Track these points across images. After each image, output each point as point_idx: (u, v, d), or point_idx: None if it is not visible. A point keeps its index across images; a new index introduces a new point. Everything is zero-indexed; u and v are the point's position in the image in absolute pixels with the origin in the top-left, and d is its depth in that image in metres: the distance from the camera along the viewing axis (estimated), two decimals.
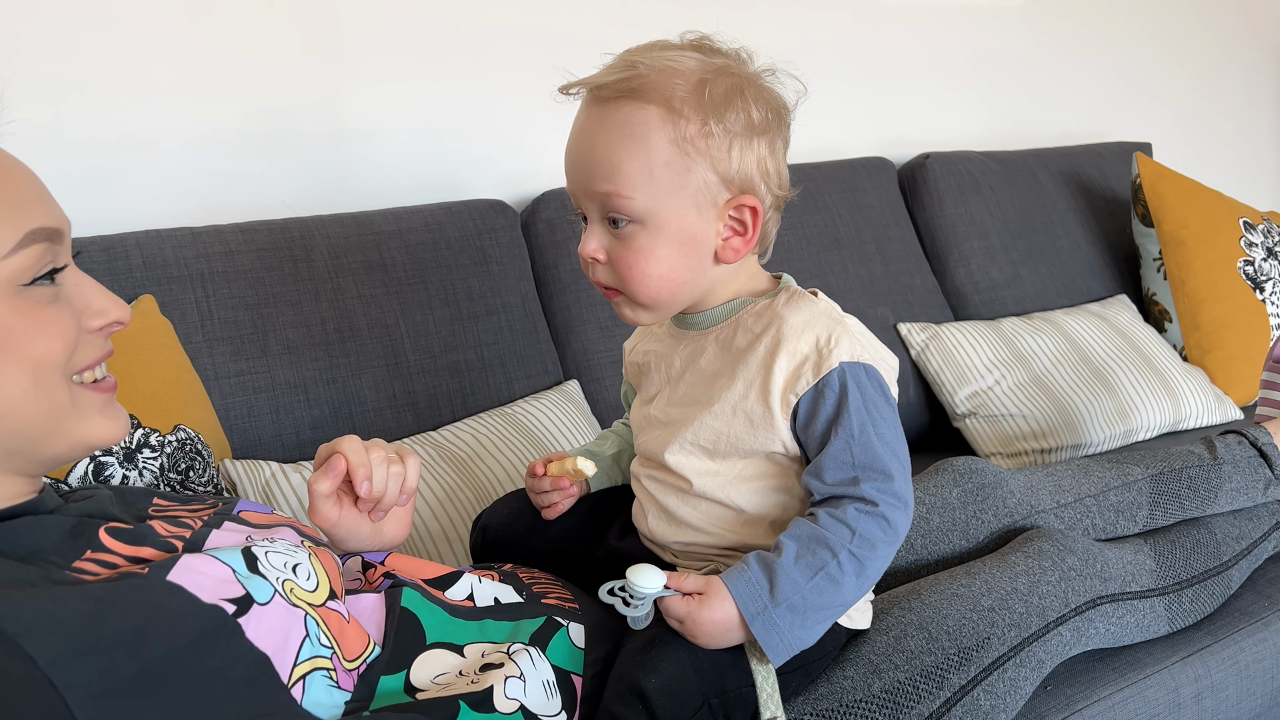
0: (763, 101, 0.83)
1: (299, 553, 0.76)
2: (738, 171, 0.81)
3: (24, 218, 0.64)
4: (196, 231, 1.32)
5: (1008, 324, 1.84)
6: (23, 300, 0.64)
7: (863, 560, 0.79)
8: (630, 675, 0.76)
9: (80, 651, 0.56)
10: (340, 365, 1.35)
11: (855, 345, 0.82)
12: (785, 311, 0.84)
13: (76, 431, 0.67)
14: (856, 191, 1.88)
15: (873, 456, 0.80)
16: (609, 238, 0.84)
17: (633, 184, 0.80)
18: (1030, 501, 1.14)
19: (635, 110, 0.80)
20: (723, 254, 0.84)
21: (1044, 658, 0.93)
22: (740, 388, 0.84)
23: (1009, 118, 2.31)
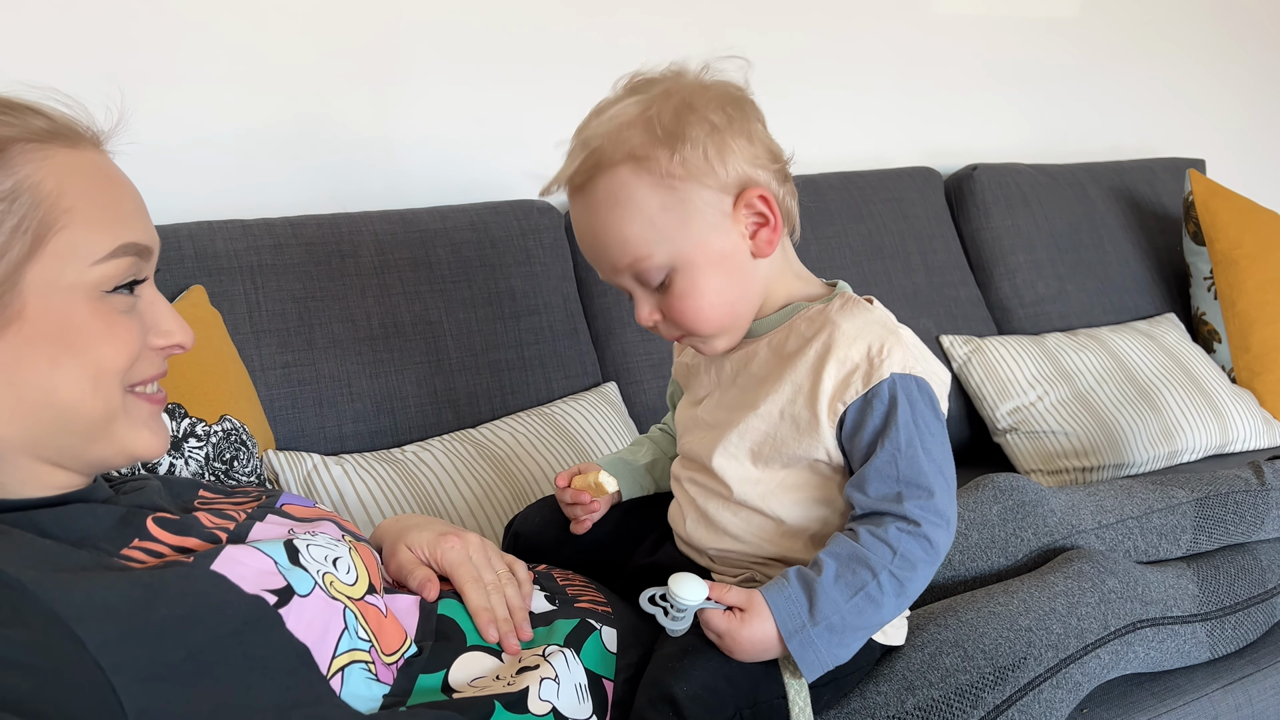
0: (714, 100, 0.82)
1: (339, 546, 0.77)
2: (728, 175, 0.81)
3: (122, 229, 0.66)
4: (247, 224, 1.34)
5: (1052, 339, 1.82)
6: (101, 305, 0.66)
7: (903, 581, 0.78)
8: (663, 682, 0.76)
9: (128, 637, 0.58)
10: (383, 360, 1.36)
11: (908, 356, 0.81)
12: (838, 317, 0.83)
13: (122, 438, 0.69)
14: (902, 201, 1.87)
15: (918, 472, 0.79)
16: (654, 297, 0.85)
17: (645, 244, 0.81)
18: (1071, 521, 1.12)
19: (608, 180, 0.81)
20: (758, 250, 0.84)
21: (1081, 680, 0.92)
22: (788, 391, 0.84)
23: (1059, 130, 2.29)
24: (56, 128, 0.66)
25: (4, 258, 0.61)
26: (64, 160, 0.65)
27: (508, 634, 0.79)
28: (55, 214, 0.63)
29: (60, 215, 0.63)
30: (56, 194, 0.63)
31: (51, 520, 0.65)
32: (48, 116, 0.66)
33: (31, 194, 0.62)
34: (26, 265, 0.62)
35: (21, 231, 0.62)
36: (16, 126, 0.64)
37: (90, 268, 0.64)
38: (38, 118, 0.65)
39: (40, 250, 0.63)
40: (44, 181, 0.63)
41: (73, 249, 0.64)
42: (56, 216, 0.63)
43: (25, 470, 0.66)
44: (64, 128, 0.66)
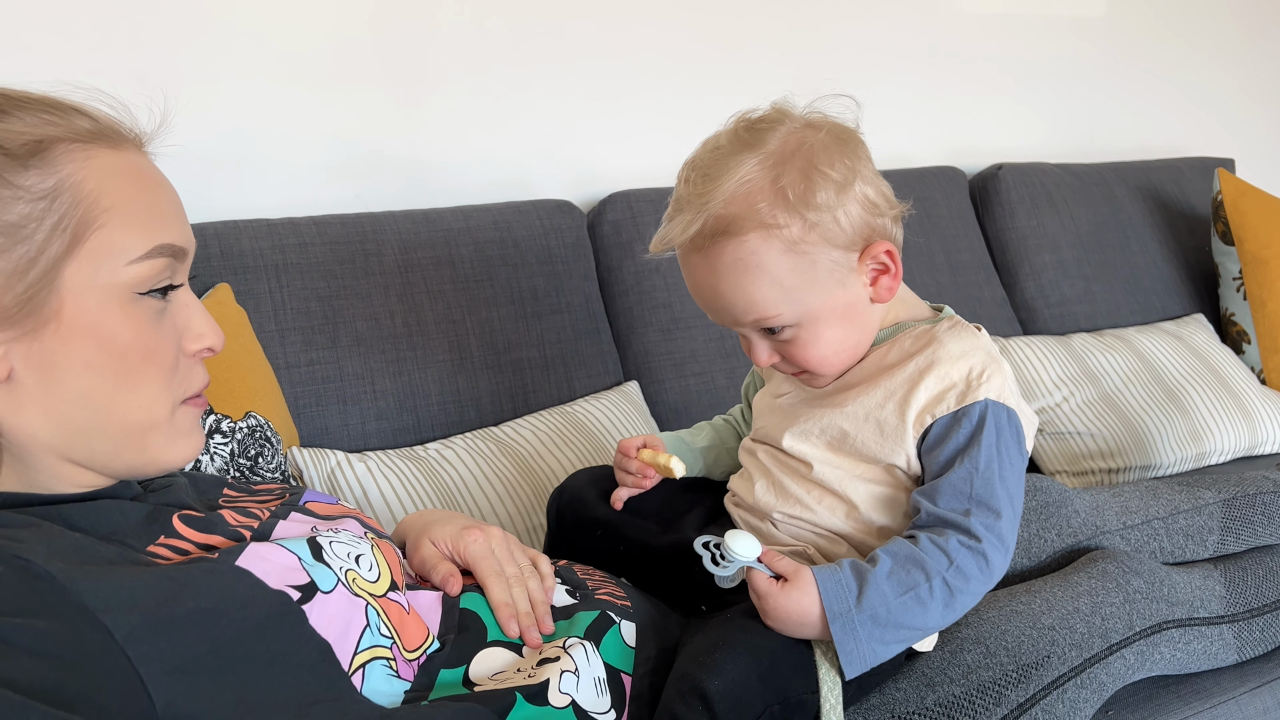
0: (833, 152, 0.82)
1: (362, 544, 0.78)
2: (853, 232, 0.82)
3: (159, 230, 0.67)
4: (272, 223, 1.35)
5: (1078, 340, 1.80)
6: (135, 307, 0.66)
7: (954, 591, 0.79)
8: (693, 675, 0.76)
9: (155, 629, 0.58)
10: (407, 359, 1.37)
11: (1005, 387, 0.83)
12: (945, 337, 0.85)
13: (157, 449, 0.69)
14: (926, 201, 1.86)
15: (990, 493, 0.80)
16: (773, 343, 0.87)
17: (773, 305, 0.83)
18: (1096, 522, 1.11)
19: (737, 247, 0.81)
20: (879, 297, 0.86)
21: (1105, 680, 0.91)
22: (879, 396, 0.85)
23: (1085, 130, 2.27)
24: (100, 128, 0.67)
25: (43, 255, 0.62)
26: (106, 161, 0.66)
27: (529, 628, 0.80)
28: (95, 213, 0.64)
29: (99, 214, 0.64)
30: (97, 194, 0.64)
31: (80, 515, 0.66)
32: (92, 117, 0.67)
33: (72, 193, 0.63)
34: (64, 263, 0.63)
35: (61, 230, 0.62)
36: (61, 126, 0.64)
37: (125, 267, 0.65)
38: (82, 118, 0.66)
39: (78, 249, 0.63)
40: (85, 181, 0.64)
41: (110, 248, 0.64)
42: (96, 215, 0.64)
43: (53, 468, 0.66)
44: (107, 128, 0.67)
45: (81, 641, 0.55)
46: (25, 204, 0.61)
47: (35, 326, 0.62)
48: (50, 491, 0.67)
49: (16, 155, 0.62)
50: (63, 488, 0.67)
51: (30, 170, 0.62)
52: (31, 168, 0.62)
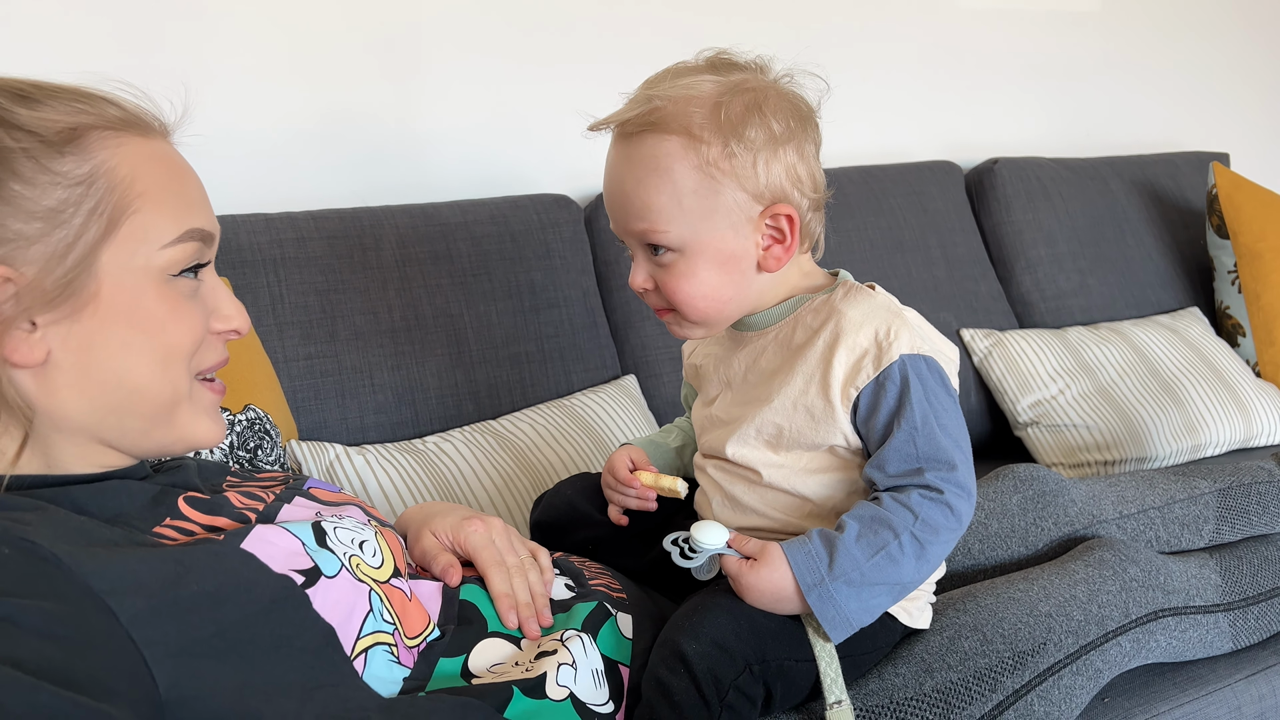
0: (783, 110, 0.83)
1: (366, 530, 0.78)
2: (767, 184, 0.82)
3: (189, 215, 0.69)
4: (270, 218, 1.35)
5: (1074, 333, 1.81)
6: (168, 288, 0.68)
7: (924, 543, 0.80)
8: (673, 640, 0.78)
9: (159, 612, 0.59)
10: (405, 352, 1.37)
11: (915, 337, 0.82)
12: (843, 306, 0.85)
13: (185, 424, 0.70)
14: (922, 195, 1.86)
15: (936, 448, 0.81)
16: (653, 266, 0.86)
17: (665, 218, 0.83)
18: (1092, 511, 1.12)
19: (658, 143, 0.82)
20: (765, 264, 0.85)
21: (1101, 667, 0.91)
22: (800, 383, 0.85)
23: (1081, 124, 2.27)
24: (130, 117, 0.68)
25: (81, 239, 0.63)
26: (137, 148, 0.68)
27: (528, 619, 0.80)
28: (129, 198, 0.65)
29: (133, 200, 0.66)
30: (130, 179, 0.66)
31: (87, 497, 0.66)
32: (121, 106, 0.69)
33: (107, 179, 0.65)
34: (101, 247, 0.64)
35: (98, 215, 0.64)
36: (93, 114, 0.66)
37: (159, 251, 0.67)
38: (112, 107, 0.68)
39: (114, 233, 0.65)
40: (119, 167, 0.66)
41: (144, 232, 0.66)
42: (130, 201, 0.65)
43: (81, 448, 0.68)
44: (136, 117, 0.69)
45: (87, 623, 0.55)
46: (63, 189, 0.63)
47: (74, 309, 0.64)
48: (69, 472, 0.68)
49: (52, 142, 0.63)
50: (83, 467, 0.68)
51: (66, 157, 0.64)
52: (67, 154, 0.64)
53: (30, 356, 0.63)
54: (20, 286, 0.62)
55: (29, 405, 0.64)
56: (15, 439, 0.65)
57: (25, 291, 0.62)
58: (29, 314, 0.63)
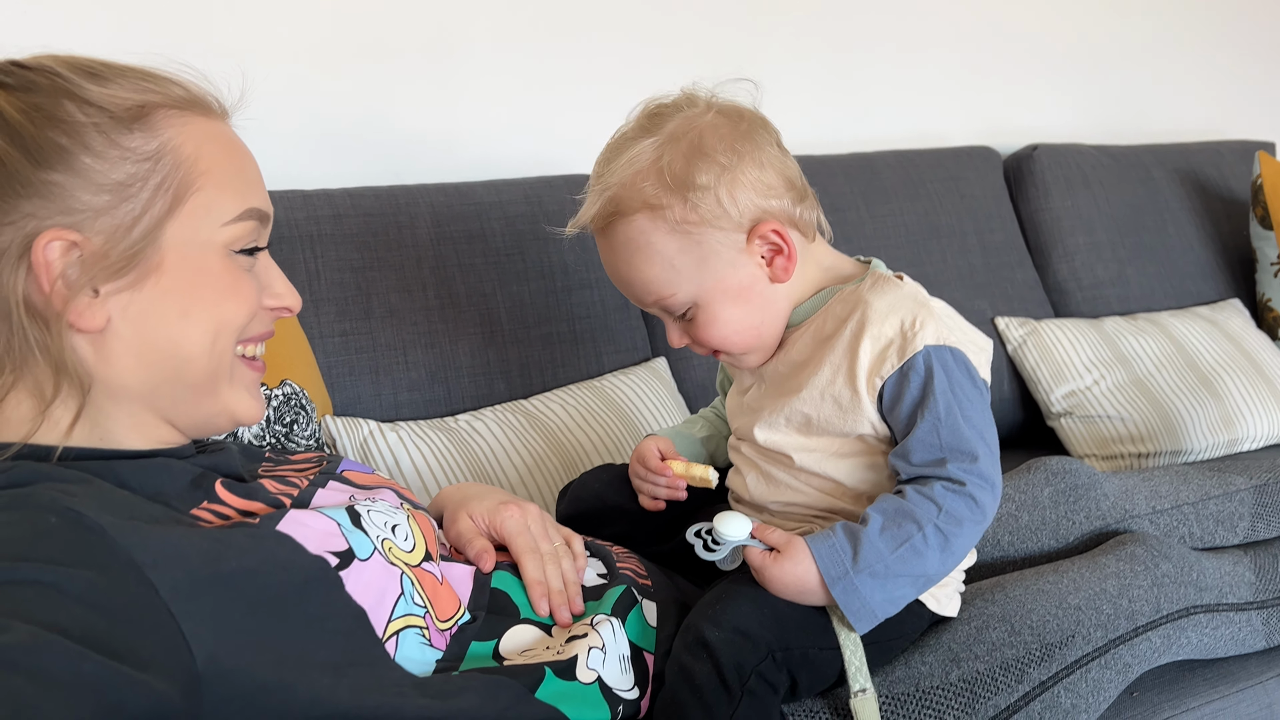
0: (722, 136, 0.84)
1: (398, 514, 0.79)
2: (740, 213, 0.83)
3: (249, 195, 0.72)
4: (308, 194, 1.36)
5: (1110, 323, 1.78)
6: (229, 262, 0.70)
7: (948, 536, 0.80)
8: (697, 627, 0.79)
9: (198, 586, 0.60)
10: (438, 330, 1.38)
11: (940, 328, 0.83)
12: (870, 296, 0.85)
13: (227, 399, 0.73)
14: (959, 181, 1.84)
15: (959, 439, 0.81)
16: (682, 324, 0.89)
17: (667, 285, 0.86)
18: (1125, 505, 1.11)
19: (628, 227, 0.85)
20: (776, 277, 0.87)
21: (1131, 662, 0.91)
22: (827, 373, 0.85)
23: (1123, 111, 2.24)
24: (193, 97, 0.71)
25: (148, 213, 0.66)
26: (200, 127, 0.70)
27: (560, 607, 0.81)
28: (193, 176, 0.68)
29: (197, 177, 0.68)
30: (194, 157, 0.68)
31: (130, 473, 0.68)
32: (185, 87, 0.71)
33: (173, 156, 0.67)
34: (166, 221, 0.67)
35: (164, 190, 0.67)
36: (160, 93, 0.68)
37: (221, 228, 0.69)
38: (177, 87, 0.70)
39: (179, 209, 0.67)
40: (184, 145, 0.68)
41: (207, 209, 0.68)
42: (194, 178, 0.68)
43: (134, 419, 0.70)
44: (199, 98, 0.71)
45: (128, 594, 0.57)
46: (131, 164, 0.65)
47: (137, 280, 0.66)
48: (119, 445, 0.69)
49: (121, 119, 0.66)
50: (134, 441, 0.70)
51: (134, 133, 0.66)
52: (135, 131, 0.66)
53: (92, 322, 0.65)
54: (86, 254, 0.64)
55: (87, 373, 0.66)
56: (70, 409, 0.67)
57: (91, 259, 0.64)
58: (93, 282, 0.65)
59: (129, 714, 0.51)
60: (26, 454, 0.65)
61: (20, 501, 0.59)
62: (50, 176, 0.63)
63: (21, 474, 0.62)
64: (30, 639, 0.49)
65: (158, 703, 0.53)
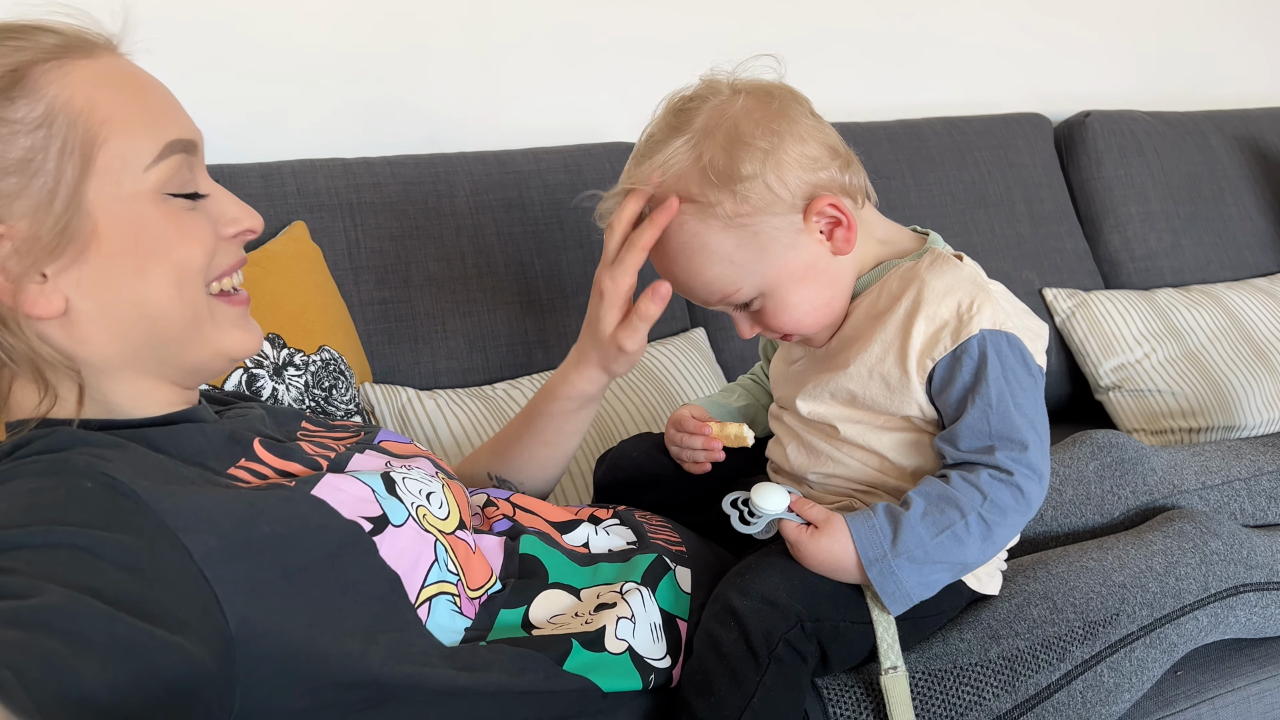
0: (756, 120, 0.81)
1: (433, 482, 0.79)
2: (791, 193, 0.81)
3: (162, 129, 0.66)
4: (347, 163, 1.37)
5: (1163, 295, 1.74)
6: (166, 207, 0.66)
7: (991, 525, 0.78)
8: (725, 596, 0.78)
9: (231, 551, 0.60)
10: (476, 299, 1.38)
11: (998, 313, 0.80)
12: (928, 275, 0.83)
13: (214, 340, 0.70)
14: (1008, 148, 1.80)
15: (1010, 427, 0.79)
16: (750, 315, 0.87)
17: (730, 281, 0.83)
18: (1173, 480, 1.08)
19: (679, 230, 0.83)
20: (838, 249, 0.84)
21: (1176, 641, 0.89)
22: (877, 350, 0.84)
23: (1180, 75, 2.17)
24: (68, 41, 0.65)
25: (61, 182, 0.62)
26: (85, 72, 0.64)
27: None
28: (94, 127, 0.63)
29: (98, 127, 0.63)
30: (89, 108, 0.63)
31: (163, 438, 0.68)
32: (56, 31, 0.65)
33: (65, 114, 0.62)
34: (84, 184, 0.63)
35: (69, 153, 0.62)
36: (30, 49, 0.63)
37: (144, 173, 0.65)
38: (47, 35, 0.64)
39: (91, 167, 0.63)
40: (73, 99, 0.63)
41: (122, 159, 0.64)
42: (96, 130, 0.63)
43: (133, 386, 0.69)
44: (75, 40, 0.65)
45: (163, 558, 0.57)
46: (25, 136, 0.61)
47: (77, 252, 0.63)
48: (134, 415, 0.69)
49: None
50: (145, 409, 0.69)
51: (16, 102, 0.61)
52: (17, 99, 0.61)
53: (49, 308, 0.63)
54: (16, 242, 0.61)
55: (68, 357, 0.65)
56: (72, 390, 0.66)
57: (23, 246, 0.61)
58: (36, 267, 0.62)
59: (163, 676, 0.52)
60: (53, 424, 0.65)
61: (57, 467, 0.59)
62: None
63: (59, 439, 0.63)
64: (65, 601, 0.50)
65: (192, 665, 0.54)
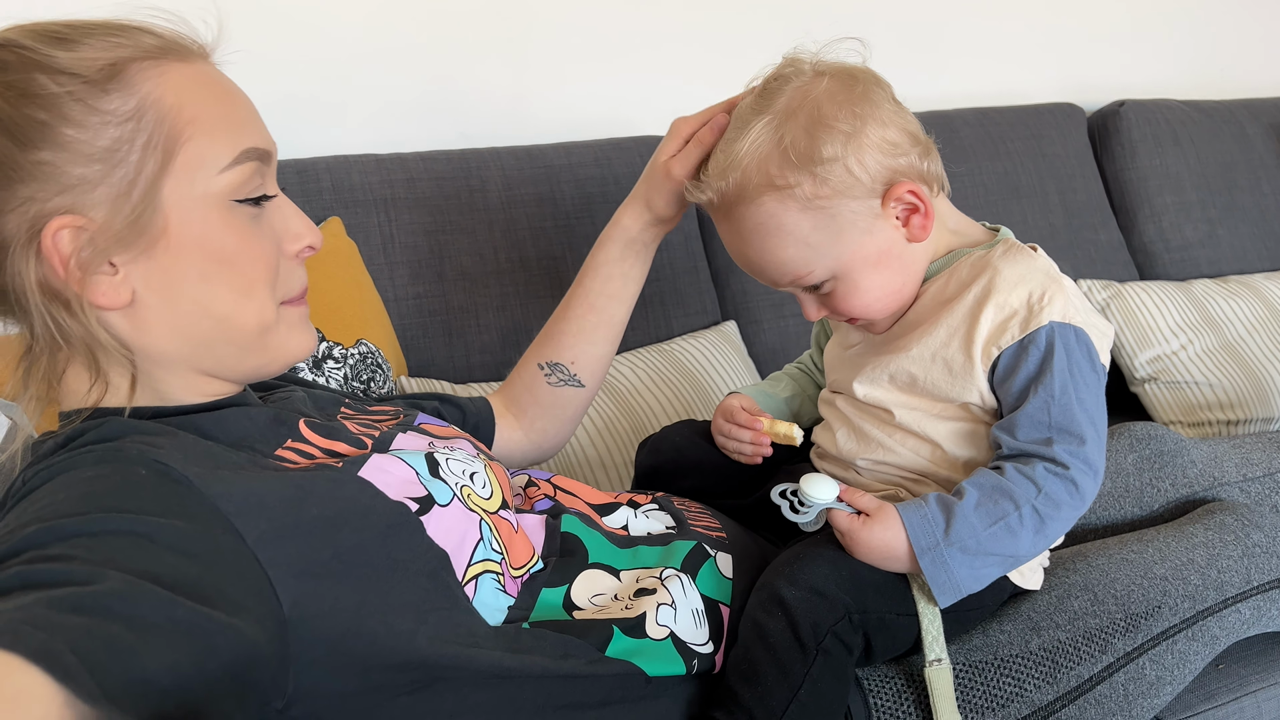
0: (839, 102, 0.80)
1: (476, 462, 0.80)
2: (872, 178, 0.80)
3: (241, 136, 0.68)
4: (381, 159, 1.38)
5: (1199, 286, 1.72)
6: (233, 216, 0.68)
7: (1045, 518, 0.77)
8: (772, 585, 0.78)
9: (282, 533, 0.61)
10: (509, 294, 1.39)
11: (1069, 307, 0.80)
12: (1000, 263, 0.82)
13: (275, 345, 0.72)
14: (1041, 139, 1.79)
15: (1070, 419, 0.78)
16: (818, 297, 0.87)
17: (804, 264, 0.83)
18: (1213, 473, 1.07)
19: (755, 212, 0.82)
20: (914, 236, 0.84)
21: (1218, 634, 0.88)
22: (943, 335, 0.83)
23: (1216, 63, 2.14)
24: (167, 44, 0.67)
25: (141, 175, 0.63)
26: (179, 74, 0.66)
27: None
28: (179, 127, 0.65)
29: (184, 127, 0.65)
30: (177, 108, 0.65)
31: (211, 423, 0.69)
32: (157, 34, 0.67)
33: (155, 110, 0.64)
34: (161, 180, 0.64)
35: (152, 148, 0.64)
36: (130, 47, 0.65)
37: (217, 176, 0.66)
38: (148, 36, 0.67)
39: (171, 164, 0.65)
40: (164, 97, 0.65)
41: (200, 159, 0.66)
42: (180, 129, 0.65)
43: (185, 379, 0.70)
44: (173, 43, 0.68)
45: (216, 542, 0.58)
46: (114, 127, 0.63)
47: (147, 246, 0.64)
48: (181, 403, 0.70)
49: (95, 81, 0.63)
50: (193, 398, 0.71)
51: (111, 94, 0.63)
52: (112, 91, 0.63)
53: (116, 298, 0.64)
54: (92, 231, 0.63)
55: (126, 346, 0.66)
56: (125, 377, 0.67)
57: (98, 235, 0.63)
58: (106, 256, 0.63)
59: (223, 658, 0.53)
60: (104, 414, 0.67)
61: (111, 456, 0.61)
62: (38, 156, 0.61)
63: (111, 429, 0.64)
64: (125, 587, 0.51)
65: (249, 647, 0.55)
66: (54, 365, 0.67)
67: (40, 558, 0.51)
